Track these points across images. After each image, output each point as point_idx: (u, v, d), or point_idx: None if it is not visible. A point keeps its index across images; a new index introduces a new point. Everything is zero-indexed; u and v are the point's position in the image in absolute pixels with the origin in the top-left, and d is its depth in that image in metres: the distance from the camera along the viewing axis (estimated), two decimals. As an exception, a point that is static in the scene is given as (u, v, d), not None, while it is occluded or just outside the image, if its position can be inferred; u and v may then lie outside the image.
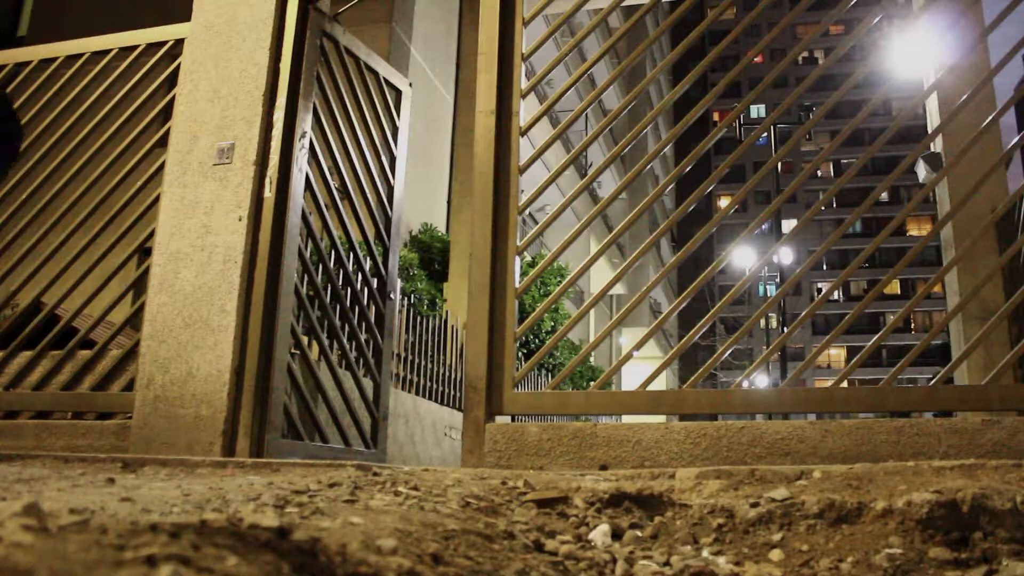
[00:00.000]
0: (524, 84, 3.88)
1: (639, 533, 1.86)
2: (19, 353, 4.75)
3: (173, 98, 4.67)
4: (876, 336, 3.25)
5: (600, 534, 1.82)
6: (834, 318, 51.93)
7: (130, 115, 5.00)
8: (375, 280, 5.21)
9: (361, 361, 4.94)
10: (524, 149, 3.81)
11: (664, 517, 1.95)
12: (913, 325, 54.95)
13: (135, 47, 4.98)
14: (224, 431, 3.94)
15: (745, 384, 3.32)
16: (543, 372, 12.11)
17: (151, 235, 4.52)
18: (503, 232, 3.66)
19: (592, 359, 19.29)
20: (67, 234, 4.84)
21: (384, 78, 5.44)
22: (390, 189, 5.36)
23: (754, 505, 1.88)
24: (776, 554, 1.72)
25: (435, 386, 8.48)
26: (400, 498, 1.84)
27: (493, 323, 3.56)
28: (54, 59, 5.18)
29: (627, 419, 5.41)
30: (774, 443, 3.03)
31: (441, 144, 14.21)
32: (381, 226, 5.24)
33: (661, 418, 9.49)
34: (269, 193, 4.26)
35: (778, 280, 28.83)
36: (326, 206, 4.79)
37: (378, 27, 12.38)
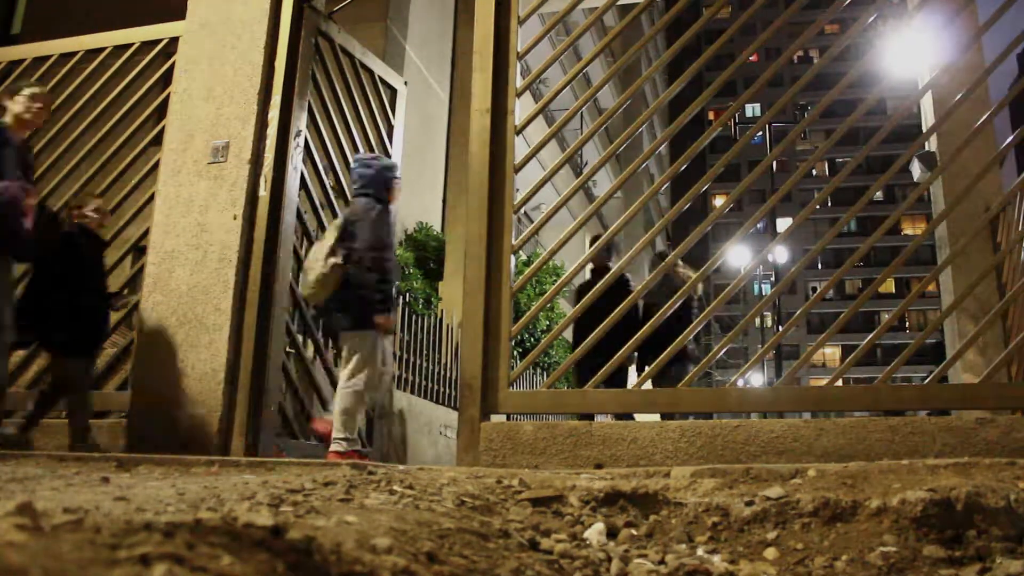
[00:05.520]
0: (519, 83, 3.88)
1: (634, 531, 1.87)
2: (13, 351, 4.73)
3: (168, 96, 4.66)
4: (871, 335, 3.26)
5: (595, 533, 1.82)
6: (829, 317, 51.96)
7: (124, 113, 4.99)
8: (370, 279, 5.19)
9: (356, 360, 4.92)
10: (519, 148, 3.81)
11: (659, 516, 1.95)
12: (908, 324, 55.08)
13: (129, 45, 4.97)
14: (219, 430, 3.94)
15: (740, 383, 3.32)
16: (538, 371, 12.10)
17: (146, 234, 4.51)
18: (498, 231, 3.66)
19: (587, 358, 19.25)
20: (61, 232, 4.82)
21: (379, 77, 5.44)
22: (385, 188, 5.34)
23: (749, 503, 1.88)
24: (771, 552, 1.72)
25: (430, 385, 8.47)
26: (395, 497, 1.84)
27: (488, 322, 3.56)
28: (48, 57, 5.17)
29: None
30: (769, 442, 3.03)
31: (436, 143, 14.18)
32: (376, 225, 5.21)
33: (656, 417, 9.48)
34: (264, 192, 4.25)
35: (773, 279, 28.88)
36: (321, 205, 4.78)
37: (373, 26, 12.34)
